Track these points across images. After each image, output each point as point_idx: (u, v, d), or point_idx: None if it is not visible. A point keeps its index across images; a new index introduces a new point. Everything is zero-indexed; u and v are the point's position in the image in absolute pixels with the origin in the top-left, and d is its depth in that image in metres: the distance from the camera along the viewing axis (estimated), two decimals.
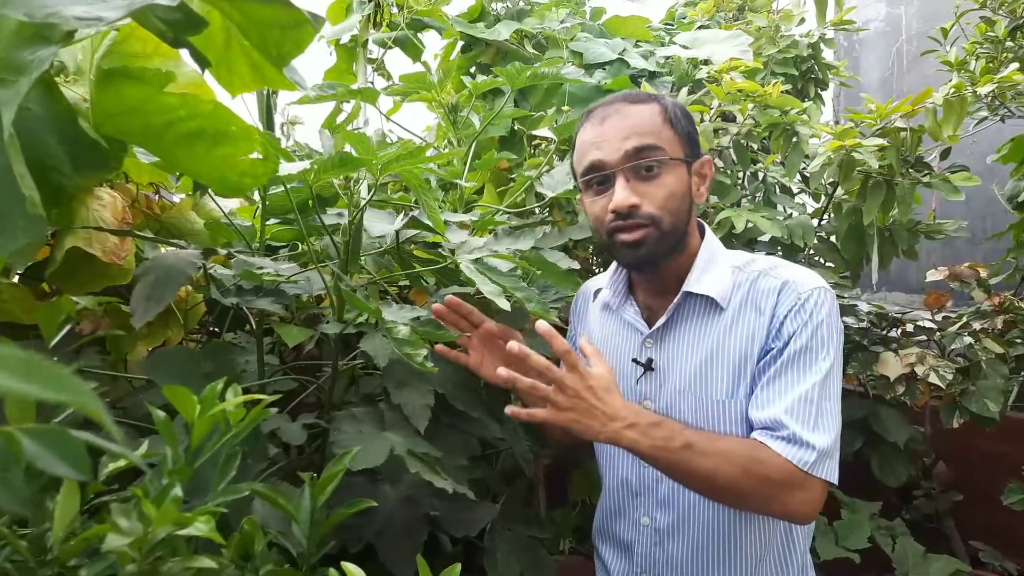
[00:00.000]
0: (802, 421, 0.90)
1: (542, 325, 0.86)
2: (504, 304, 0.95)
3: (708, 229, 1.09)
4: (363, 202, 1.02)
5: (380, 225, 1.09)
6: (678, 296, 1.02)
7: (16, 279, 1.11)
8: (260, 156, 0.77)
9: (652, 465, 0.91)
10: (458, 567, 0.70)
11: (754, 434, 0.93)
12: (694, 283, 1.01)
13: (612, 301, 1.12)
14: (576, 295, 1.26)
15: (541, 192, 1.20)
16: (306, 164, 0.84)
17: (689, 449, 0.88)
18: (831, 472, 0.91)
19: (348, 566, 0.66)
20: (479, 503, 1.16)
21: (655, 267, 1.04)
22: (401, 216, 1.12)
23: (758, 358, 0.97)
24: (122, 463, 0.69)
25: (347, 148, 1.01)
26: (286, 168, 0.83)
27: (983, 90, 1.50)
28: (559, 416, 0.87)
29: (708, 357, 1.00)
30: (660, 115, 0.99)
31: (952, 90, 1.45)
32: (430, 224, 1.03)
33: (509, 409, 0.88)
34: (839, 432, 0.93)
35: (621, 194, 0.97)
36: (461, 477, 1.03)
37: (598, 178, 1.00)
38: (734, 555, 1.01)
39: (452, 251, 1.05)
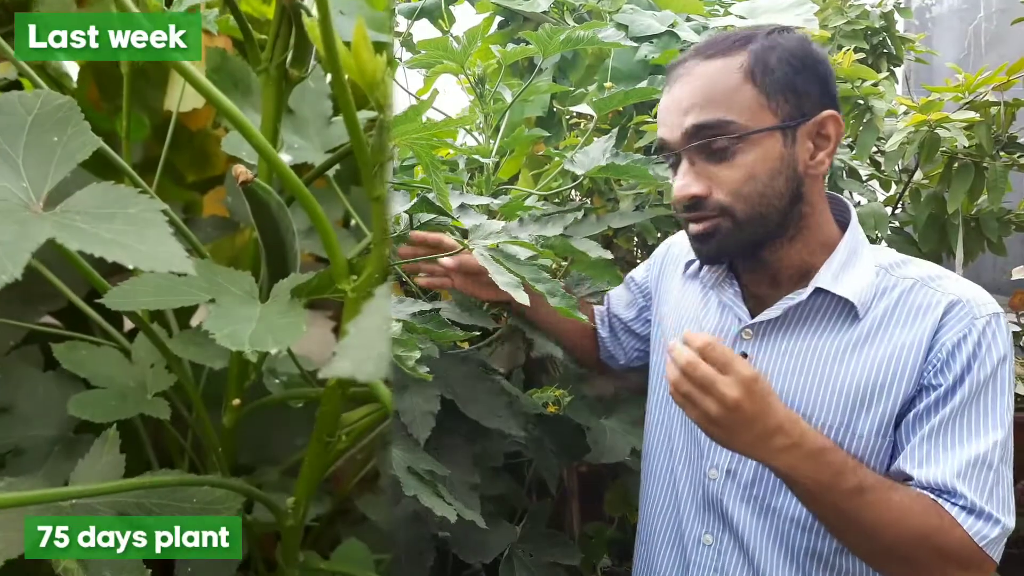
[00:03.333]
0: (979, 490, 0.70)
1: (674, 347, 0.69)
2: (523, 298, 0.82)
3: (854, 212, 0.86)
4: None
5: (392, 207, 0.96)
6: (808, 291, 0.80)
7: None
8: None
9: (803, 502, 0.73)
10: None
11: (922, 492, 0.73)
12: (830, 280, 0.79)
13: (707, 276, 0.92)
14: (658, 252, 1.06)
15: (570, 170, 1.06)
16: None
17: (860, 495, 0.69)
18: (999, 554, 0.71)
19: None
20: (495, 524, 1.02)
21: (722, 260, 0.87)
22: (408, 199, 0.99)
23: (907, 393, 0.75)
24: None
25: None
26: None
27: None
28: (707, 428, 0.69)
29: (825, 371, 0.78)
30: (739, 71, 0.76)
31: None
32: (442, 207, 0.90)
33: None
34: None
35: (680, 183, 0.79)
36: (472, 498, 0.90)
37: (668, 158, 0.83)
38: None
39: (465, 236, 0.92)
